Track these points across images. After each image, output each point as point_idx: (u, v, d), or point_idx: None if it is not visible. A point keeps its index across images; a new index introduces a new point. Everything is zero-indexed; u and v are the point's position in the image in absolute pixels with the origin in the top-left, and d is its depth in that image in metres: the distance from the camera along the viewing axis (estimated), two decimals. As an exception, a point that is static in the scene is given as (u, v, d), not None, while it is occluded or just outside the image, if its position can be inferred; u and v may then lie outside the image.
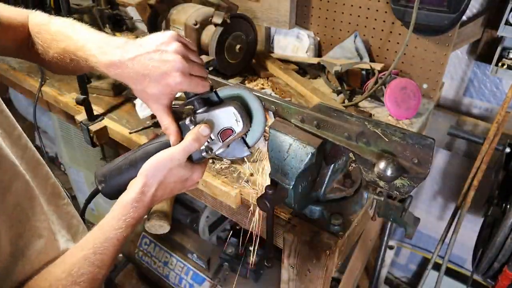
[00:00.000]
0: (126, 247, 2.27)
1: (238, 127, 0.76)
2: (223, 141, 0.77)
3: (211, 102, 0.79)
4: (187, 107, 0.79)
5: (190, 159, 0.77)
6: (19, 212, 0.72)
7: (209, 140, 0.77)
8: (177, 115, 0.78)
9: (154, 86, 0.73)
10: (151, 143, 0.80)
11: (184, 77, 0.72)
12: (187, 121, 0.77)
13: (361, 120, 0.76)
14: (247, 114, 0.79)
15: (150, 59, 0.72)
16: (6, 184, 0.69)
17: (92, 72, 1.11)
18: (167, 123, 0.77)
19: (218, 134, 0.77)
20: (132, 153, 0.80)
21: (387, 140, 0.73)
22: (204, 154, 0.77)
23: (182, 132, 0.77)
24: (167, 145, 0.77)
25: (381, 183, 0.77)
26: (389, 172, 0.70)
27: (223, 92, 0.81)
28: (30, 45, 0.84)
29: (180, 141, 0.76)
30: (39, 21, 0.84)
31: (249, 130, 0.81)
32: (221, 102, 0.79)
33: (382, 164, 0.71)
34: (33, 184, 0.76)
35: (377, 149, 0.75)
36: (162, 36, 0.73)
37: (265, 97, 0.86)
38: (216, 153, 0.78)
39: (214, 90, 0.80)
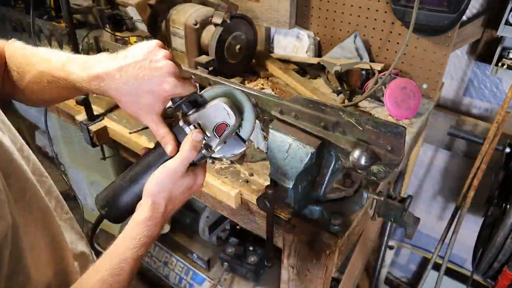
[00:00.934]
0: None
1: (231, 120, 0.76)
2: (219, 136, 0.77)
3: (198, 104, 0.79)
4: (176, 112, 0.78)
5: (191, 163, 0.76)
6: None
7: (205, 138, 0.77)
8: (168, 120, 0.78)
9: (148, 95, 0.70)
10: (149, 155, 0.78)
11: (179, 81, 0.71)
12: (181, 123, 0.76)
13: (336, 110, 0.79)
14: (236, 107, 0.79)
15: (140, 68, 0.69)
16: (19, 191, 0.68)
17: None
18: (163, 132, 0.75)
19: (213, 130, 0.77)
20: (131, 170, 0.78)
21: (361, 129, 0.77)
22: (204, 151, 0.77)
23: (177, 137, 0.76)
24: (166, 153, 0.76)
25: (359, 170, 0.80)
26: (363, 161, 0.74)
27: (207, 94, 0.81)
28: (4, 75, 0.81)
29: (177, 149, 0.74)
30: (15, 46, 0.81)
31: (241, 124, 0.81)
32: (207, 102, 0.80)
33: (356, 153, 0.75)
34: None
35: (353, 138, 0.78)
36: (146, 45, 0.71)
37: (245, 90, 0.87)
38: (216, 150, 0.78)
39: (199, 92, 0.80)
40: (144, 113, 0.73)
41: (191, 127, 0.76)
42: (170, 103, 0.78)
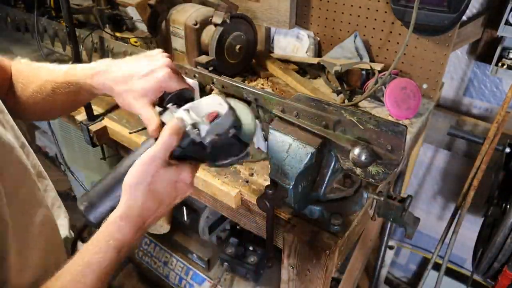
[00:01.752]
0: (126, 247, 2.27)
1: (223, 108, 0.75)
2: (210, 122, 0.72)
3: (190, 100, 0.80)
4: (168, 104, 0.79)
5: (175, 157, 0.70)
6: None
7: (194, 120, 0.72)
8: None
9: (142, 81, 0.76)
10: (135, 152, 0.73)
11: (174, 73, 0.77)
12: (169, 106, 0.76)
13: (338, 109, 0.79)
14: (232, 109, 0.78)
15: (139, 63, 0.78)
16: (14, 183, 0.68)
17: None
18: (151, 115, 0.74)
19: (202, 117, 0.73)
20: (118, 167, 0.73)
21: (362, 127, 0.77)
22: (188, 129, 0.70)
23: (164, 123, 0.74)
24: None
25: (358, 171, 0.80)
26: (363, 158, 0.74)
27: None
28: (8, 88, 0.84)
29: (159, 131, 0.70)
30: (21, 63, 0.88)
31: (240, 129, 0.82)
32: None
33: (356, 150, 0.75)
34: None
35: (353, 137, 0.79)
36: (148, 52, 0.82)
37: (248, 88, 0.89)
38: (203, 134, 0.72)
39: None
40: (136, 99, 0.77)
41: (180, 111, 0.73)
42: (160, 109, 0.78)
